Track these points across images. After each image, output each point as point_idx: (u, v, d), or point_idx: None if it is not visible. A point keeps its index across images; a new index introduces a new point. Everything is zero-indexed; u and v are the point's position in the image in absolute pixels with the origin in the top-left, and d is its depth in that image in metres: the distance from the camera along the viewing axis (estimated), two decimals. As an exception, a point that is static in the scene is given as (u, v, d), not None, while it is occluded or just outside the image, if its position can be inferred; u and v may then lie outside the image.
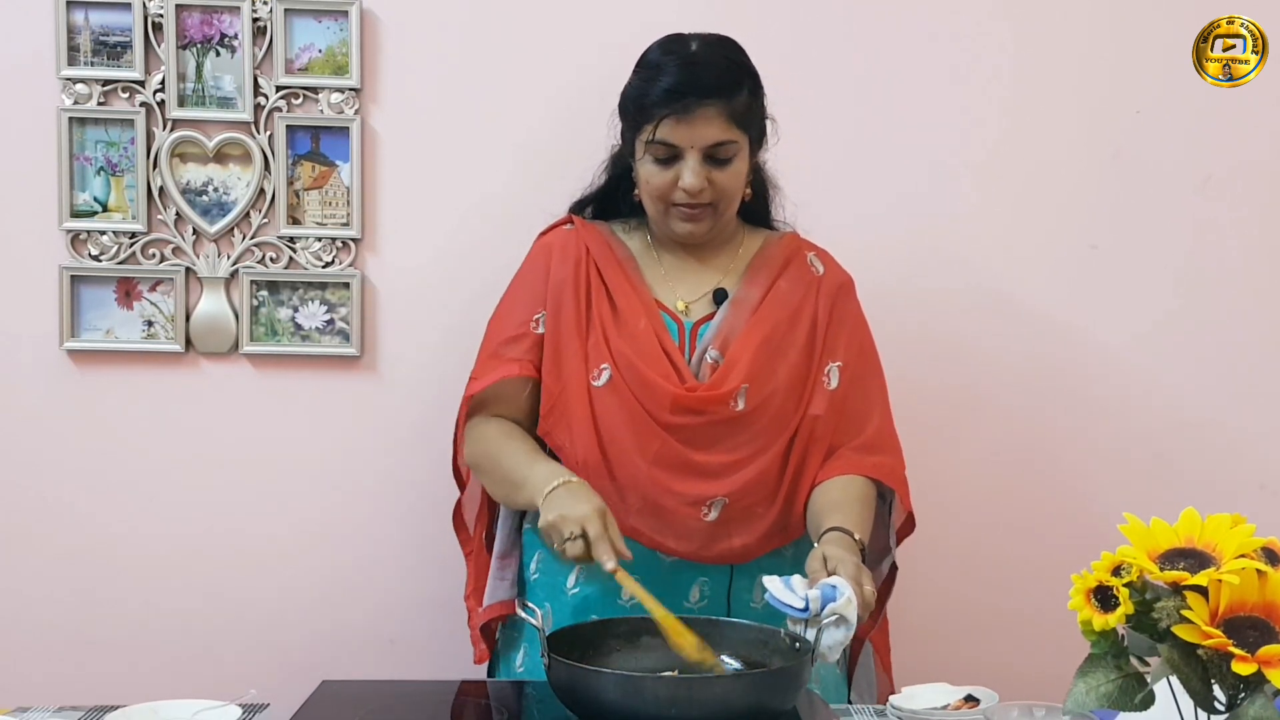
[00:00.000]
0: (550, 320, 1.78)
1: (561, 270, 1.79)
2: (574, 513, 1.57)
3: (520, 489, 1.69)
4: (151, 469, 2.19)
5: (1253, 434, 2.30)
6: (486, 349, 1.83)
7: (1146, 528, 1.14)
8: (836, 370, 1.79)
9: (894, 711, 1.58)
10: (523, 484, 1.68)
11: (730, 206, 1.77)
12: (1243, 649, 1.03)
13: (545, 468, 1.68)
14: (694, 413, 1.71)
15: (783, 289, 1.79)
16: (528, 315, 1.80)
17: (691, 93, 1.66)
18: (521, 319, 1.80)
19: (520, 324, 1.80)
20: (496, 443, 1.77)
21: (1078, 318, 2.27)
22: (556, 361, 1.77)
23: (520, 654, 1.82)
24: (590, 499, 1.60)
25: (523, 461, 1.71)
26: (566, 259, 1.80)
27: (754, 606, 1.75)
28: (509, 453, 1.75)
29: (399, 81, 2.17)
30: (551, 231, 1.87)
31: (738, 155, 1.72)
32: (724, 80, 1.69)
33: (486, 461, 1.78)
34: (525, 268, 1.86)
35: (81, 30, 2.12)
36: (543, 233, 1.88)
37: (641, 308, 1.76)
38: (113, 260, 2.15)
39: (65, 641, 2.20)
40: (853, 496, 1.72)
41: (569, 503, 1.59)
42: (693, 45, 1.73)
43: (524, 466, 1.70)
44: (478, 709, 1.60)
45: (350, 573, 2.22)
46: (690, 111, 1.66)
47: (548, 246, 1.84)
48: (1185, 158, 2.25)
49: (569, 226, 1.85)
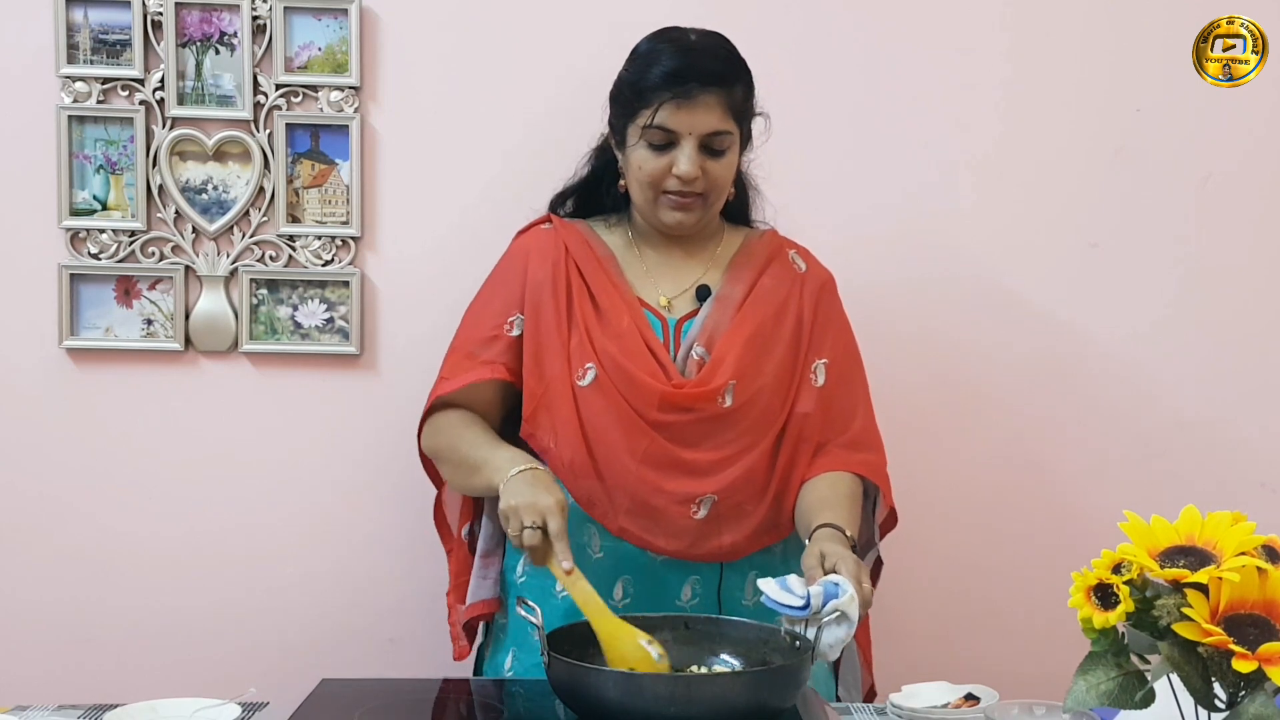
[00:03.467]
0: (529, 322, 1.77)
1: (540, 271, 1.78)
2: (539, 502, 1.55)
3: (478, 471, 1.67)
4: (151, 468, 2.19)
5: (1253, 432, 2.30)
6: (458, 348, 1.82)
7: (1147, 525, 1.14)
8: (823, 367, 1.79)
9: (894, 710, 1.58)
10: (481, 465, 1.67)
11: (719, 199, 1.76)
12: (1243, 646, 1.03)
13: (508, 452, 1.66)
14: (682, 410, 1.71)
15: (766, 285, 1.79)
16: (501, 318, 1.79)
17: (693, 78, 1.66)
18: (495, 321, 1.79)
19: (494, 325, 1.79)
20: (456, 430, 1.76)
21: (1078, 316, 2.27)
22: (538, 362, 1.76)
23: (509, 656, 1.81)
24: (553, 490, 1.58)
25: (483, 444, 1.71)
26: (545, 260, 1.79)
27: (745, 604, 1.75)
28: (469, 438, 1.73)
29: (399, 80, 2.17)
30: (529, 231, 1.86)
31: (731, 148, 1.72)
32: (725, 69, 1.70)
33: (445, 448, 1.77)
34: (501, 269, 1.85)
35: (81, 28, 2.12)
36: (520, 232, 1.87)
37: (624, 305, 1.75)
38: (112, 259, 2.15)
39: (64, 639, 2.20)
40: (841, 494, 1.72)
41: (532, 491, 1.57)
42: (691, 35, 1.73)
43: (484, 448, 1.69)
44: (475, 708, 1.60)
45: (350, 571, 2.22)
46: (691, 97, 1.66)
47: (524, 248, 1.83)
48: (1186, 156, 2.25)
49: (547, 226, 1.84)
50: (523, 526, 1.54)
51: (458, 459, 1.74)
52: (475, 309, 1.84)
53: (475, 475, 1.69)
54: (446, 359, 1.83)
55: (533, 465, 1.63)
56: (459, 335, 1.84)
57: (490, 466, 1.65)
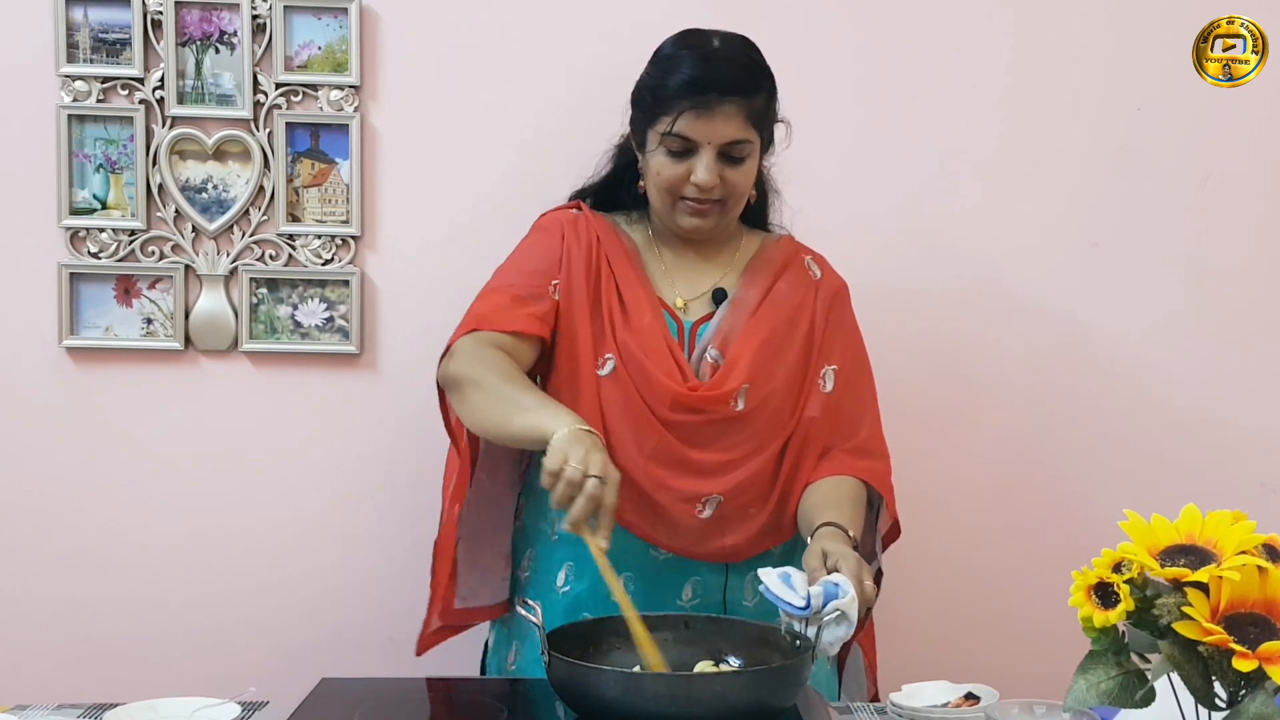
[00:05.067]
0: (564, 294, 1.73)
1: (576, 249, 1.75)
2: (610, 467, 1.46)
3: (525, 411, 1.54)
4: (151, 467, 2.19)
5: (1253, 431, 2.30)
6: (501, 289, 1.72)
7: (1147, 524, 1.14)
8: (832, 373, 1.79)
9: (894, 709, 1.58)
10: (532, 408, 1.55)
11: (738, 205, 1.76)
12: (1243, 645, 1.03)
13: (566, 409, 1.55)
14: (694, 411, 1.71)
15: (781, 291, 1.79)
16: (546, 278, 1.73)
17: (713, 88, 1.65)
18: (540, 279, 1.72)
19: (539, 283, 1.72)
20: (500, 364, 1.63)
21: (1078, 315, 2.27)
22: (571, 339, 1.73)
23: (512, 652, 1.82)
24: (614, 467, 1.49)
25: (534, 391, 1.62)
26: (580, 239, 1.76)
27: (746, 605, 1.75)
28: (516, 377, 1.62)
29: (399, 79, 2.17)
30: (559, 211, 1.83)
31: (751, 155, 1.71)
32: (746, 79, 1.69)
33: (479, 376, 1.62)
34: (537, 234, 1.79)
35: (81, 27, 2.11)
36: (546, 213, 1.84)
37: (647, 303, 1.75)
38: (112, 258, 2.14)
39: (64, 639, 2.20)
40: (845, 496, 1.72)
41: (600, 454, 1.46)
42: (714, 41, 1.71)
43: (535, 394, 1.61)
44: (476, 707, 1.60)
45: (350, 570, 2.22)
46: (711, 107, 1.65)
47: (558, 221, 1.79)
48: (1186, 156, 2.25)
49: (576, 212, 1.82)
50: (586, 474, 1.43)
51: (497, 390, 1.59)
52: (513, 262, 1.76)
53: (519, 412, 1.55)
54: (484, 296, 1.73)
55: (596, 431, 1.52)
56: (500, 277, 1.75)
57: (544, 412, 1.53)
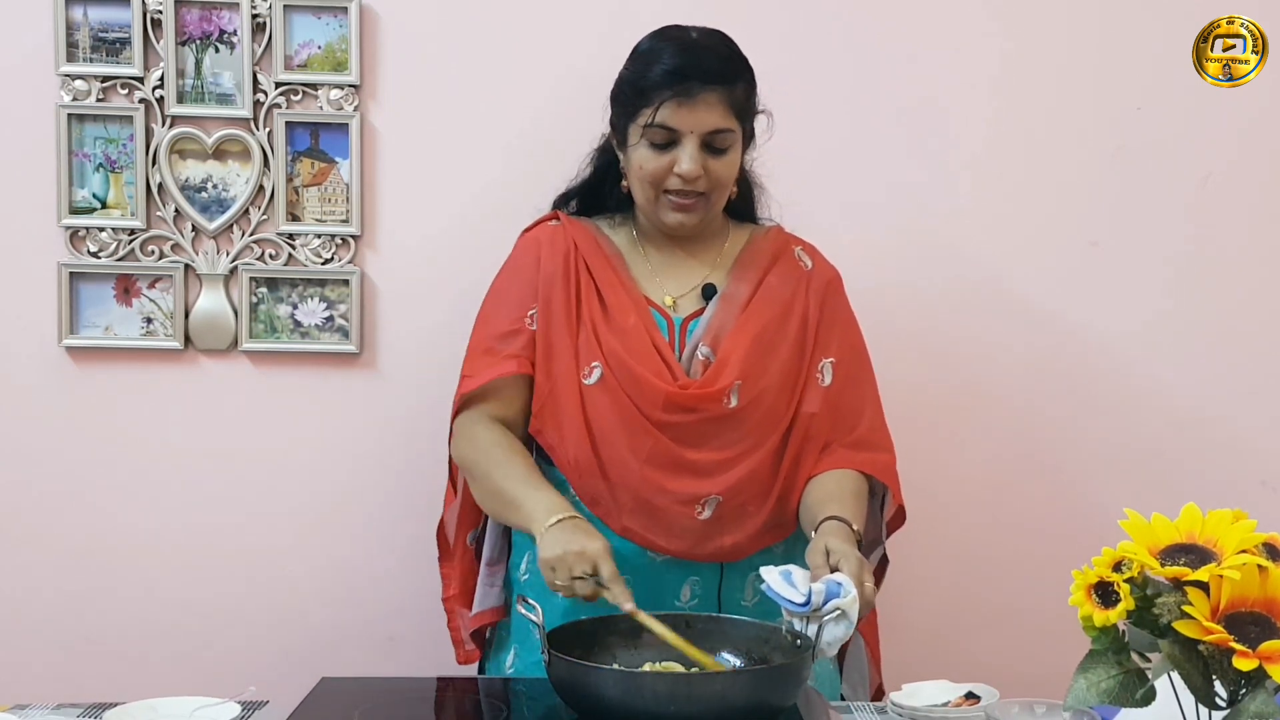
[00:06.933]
0: (541, 317, 1.76)
1: (551, 265, 1.77)
2: (587, 549, 1.54)
3: (516, 510, 1.66)
4: (150, 466, 2.19)
5: (1253, 430, 2.30)
6: (479, 344, 1.79)
7: (1147, 523, 1.14)
8: (830, 366, 1.78)
9: (895, 709, 1.58)
10: (519, 505, 1.65)
11: (721, 198, 1.76)
12: (1244, 644, 1.03)
13: (547, 496, 1.64)
14: (687, 410, 1.70)
15: (772, 284, 1.79)
16: (522, 310, 1.77)
17: (694, 76, 1.66)
18: (515, 314, 1.77)
19: (514, 319, 1.77)
20: (491, 453, 1.72)
21: (1078, 314, 2.27)
22: (548, 358, 1.75)
23: (510, 654, 1.81)
24: (596, 535, 1.58)
25: (520, 482, 1.68)
26: (555, 254, 1.78)
27: (745, 605, 1.74)
28: (506, 470, 1.70)
29: (398, 78, 2.17)
30: (537, 227, 1.85)
31: (733, 146, 1.71)
32: (726, 68, 1.69)
33: (478, 469, 1.74)
34: (514, 262, 1.83)
35: (80, 26, 2.11)
36: (527, 229, 1.86)
37: (631, 304, 1.75)
38: (112, 257, 2.14)
39: (64, 638, 2.20)
40: (848, 490, 1.71)
41: (577, 539, 1.55)
42: (692, 33, 1.73)
43: (521, 487, 1.67)
44: (475, 706, 1.60)
45: (349, 569, 2.22)
46: (692, 95, 1.65)
47: (535, 240, 1.82)
48: (1186, 155, 2.25)
49: (554, 223, 1.83)
50: (573, 576, 1.53)
51: (492, 487, 1.71)
52: (491, 304, 1.82)
53: (510, 511, 1.68)
54: (467, 358, 1.80)
55: (572, 514, 1.61)
56: (477, 332, 1.81)
57: (527, 509, 1.63)
